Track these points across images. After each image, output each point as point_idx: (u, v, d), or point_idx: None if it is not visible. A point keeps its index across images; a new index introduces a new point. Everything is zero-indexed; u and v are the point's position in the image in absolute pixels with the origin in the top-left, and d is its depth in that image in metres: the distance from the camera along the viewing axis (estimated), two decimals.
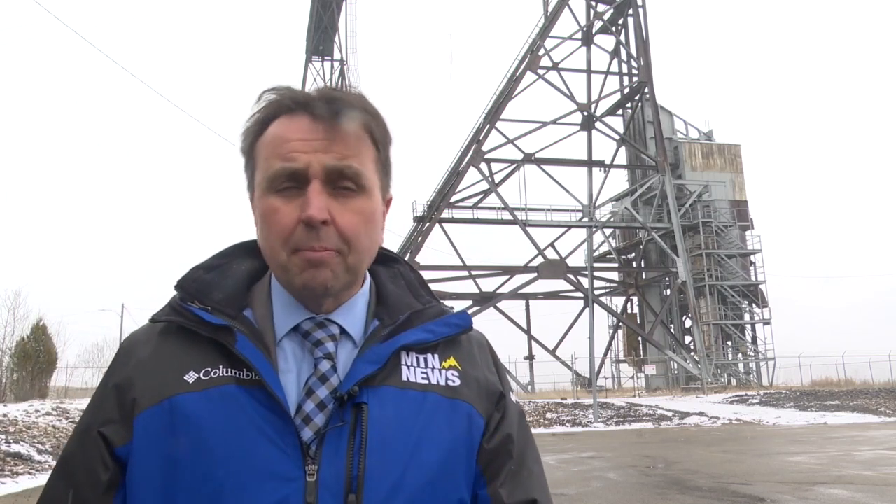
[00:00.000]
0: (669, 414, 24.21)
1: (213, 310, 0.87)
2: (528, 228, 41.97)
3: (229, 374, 0.83)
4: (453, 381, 0.90)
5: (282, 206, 0.84)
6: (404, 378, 0.87)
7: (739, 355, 43.47)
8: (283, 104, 0.87)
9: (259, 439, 0.79)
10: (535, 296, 44.36)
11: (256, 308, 0.90)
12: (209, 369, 0.83)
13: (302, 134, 0.85)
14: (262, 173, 0.86)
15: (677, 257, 41.84)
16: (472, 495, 0.88)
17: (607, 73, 46.53)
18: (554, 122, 43.80)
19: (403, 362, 0.89)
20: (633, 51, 45.43)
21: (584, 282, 41.46)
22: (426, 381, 0.88)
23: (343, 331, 0.89)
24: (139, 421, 0.82)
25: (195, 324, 0.86)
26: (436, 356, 0.92)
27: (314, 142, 0.84)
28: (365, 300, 0.94)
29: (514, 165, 42.57)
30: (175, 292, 0.92)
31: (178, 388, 0.82)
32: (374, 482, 0.79)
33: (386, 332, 0.90)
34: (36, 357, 19.65)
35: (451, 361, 0.92)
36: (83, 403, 16.17)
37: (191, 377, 0.83)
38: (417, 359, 0.90)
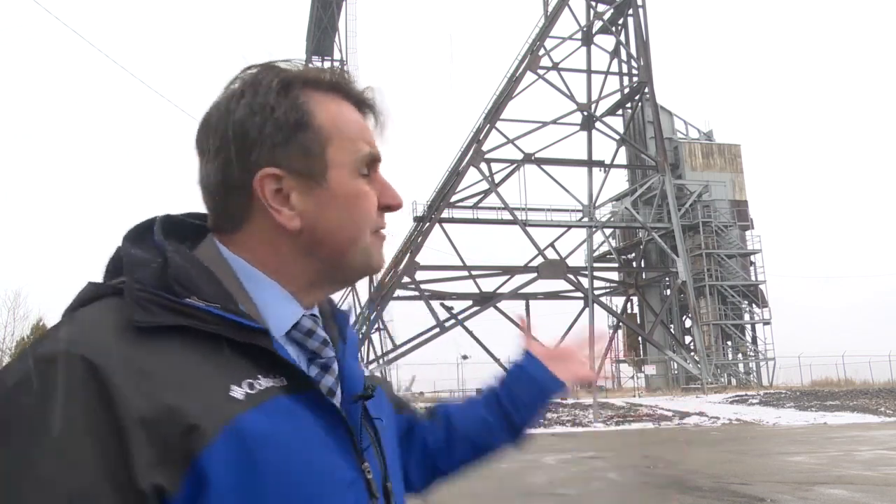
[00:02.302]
0: (669, 414, 24.20)
1: (223, 308, 0.74)
2: (528, 228, 41.97)
3: (271, 383, 0.73)
4: (366, 370, 0.95)
5: (369, 192, 0.83)
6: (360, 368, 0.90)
7: (739, 355, 43.49)
8: (348, 87, 0.85)
9: (325, 451, 0.75)
10: (535, 296, 44.35)
11: (240, 300, 0.78)
12: (251, 381, 0.71)
13: (368, 126, 0.87)
14: (347, 153, 0.82)
15: (677, 257, 41.83)
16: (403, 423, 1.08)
17: (607, 73, 46.51)
18: (554, 122, 43.78)
19: None
20: (633, 51, 45.42)
21: (584, 282, 41.52)
22: (368, 373, 0.92)
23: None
24: (208, 456, 0.65)
25: (223, 328, 0.72)
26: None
27: (372, 132, 0.87)
28: None
29: (514, 165, 42.56)
30: (129, 282, 0.73)
31: (234, 409, 0.68)
32: (391, 467, 0.86)
33: (334, 326, 0.91)
34: None
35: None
36: None
37: (238, 392, 0.69)
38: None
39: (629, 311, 47.84)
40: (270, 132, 0.78)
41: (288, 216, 0.79)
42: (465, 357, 40.67)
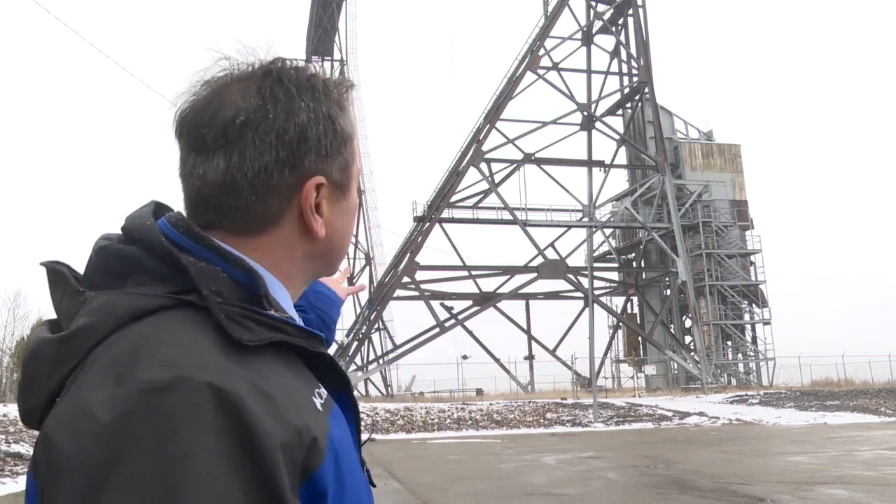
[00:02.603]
0: (669, 414, 24.21)
1: (289, 317, 0.74)
2: (528, 228, 42.00)
3: (324, 389, 0.72)
4: None
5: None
6: None
7: (739, 355, 43.51)
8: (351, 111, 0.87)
9: (354, 451, 0.77)
10: (535, 296, 44.38)
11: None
12: (319, 390, 0.71)
13: None
14: (356, 169, 0.84)
15: (677, 257, 41.85)
16: None
17: (607, 73, 46.56)
18: (554, 122, 43.82)
19: None
20: (633, 51, 45.45)
21: (584, 282, 41.49)
22: None
23: None
24: (323, 468, 0.64)
25: (303, 339, 0.71)
26: None
27: None
28: None
29: (514, 165, 42.60)
30: (210, 295, 0.68)
31: (323, 420, 0.67)
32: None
33: None
34: None
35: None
36: None
37: (318, 403, 0.68)
38: None
39: (629, 311, 47.86)
40: (328, 142, 0.76)
41: (320, 224, 0.78)
42: (465, 357, 40.67)
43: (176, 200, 0.85)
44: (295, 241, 0.77)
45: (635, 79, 45.40)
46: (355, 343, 41.33)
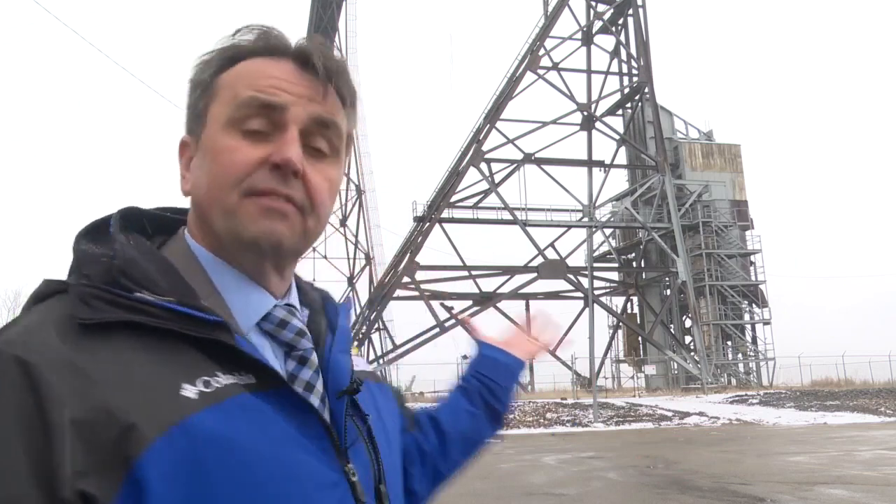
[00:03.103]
0: (669, 414, 24.19)
1: (180, 302, 0.68)
2: (528, 228, 42.00)
3: (232, 380, 0.67)
4: (367, 366, 0.91)
5: (242, 146, 0.72)
6: (357, 367, 0.85)
7: (739, 355, 43.50)
8: (268, 45, 0.76)
9: (297, 450, 0.68)
10: (535, 296, 44.35)
11: (204, 294, 0.72)
12: (207, 379, 0.65)
13: (286, 76, 0.75)
14: (224, 105, 0.74)
15: (677, 257, 41.84)
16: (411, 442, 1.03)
17: (607, 73, 46.55)
18: (554, 122, 43.81)
19: None
20: (633, 51, 45.44)
21: (584, 282, 41.45)
22: (363, 369, 0.88)
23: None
24: (148, 459, 0.59)
25: (176, 322, 0.66)
26: None
27: (300, 87, 0.75)
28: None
29: (514, 165, 42.59)
30: (76, 278, 0.70)
31: (183, 409, 0.62)
32: (387, 468, 0.80)
33: (324, 318, 0.84)
34: None
35: (354, 346, 0.88)
36: None
37: (190, 392, 0.64)
38: None
39: (629, 311, 47.86)
40: (192, 96, 0.77)
41: (185, 181, 0.78)
42: (465, 357, 40.50)
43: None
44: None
45: (635, 79, 45.39)
46: (355, 343, 41.34)
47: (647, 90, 44.49)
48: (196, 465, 0.61)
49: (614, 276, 48.70)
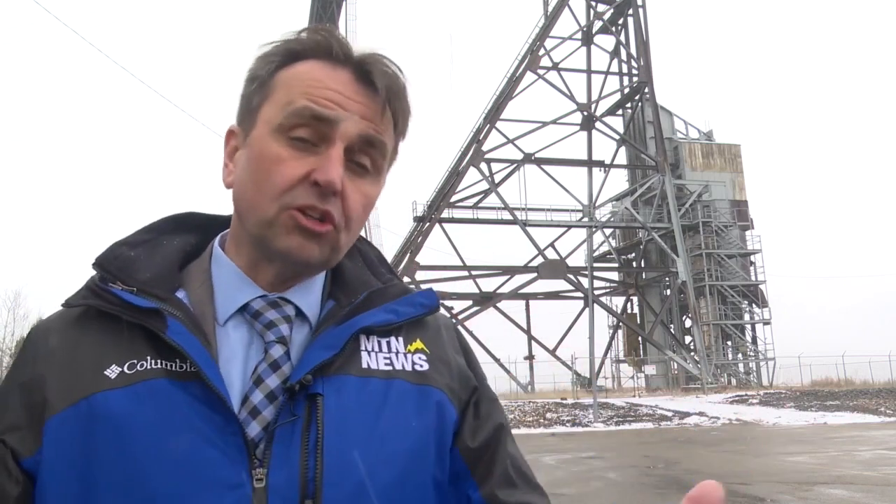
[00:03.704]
0: (669, 414, 24.19)
1: (138, 291, 0.74)
2: (528, 228, 41.98)
3: (159, 366, 0.70)
4: (420, 366, 0.80)
5: (288, 157, 0.73)
6: (364, 365, 0.77)
7: (739, 355, 43.49)
8: (331, 50, 0.76)
9: (196, 440, 0.67)
10: (535, 296, 44.36)
11: (192, 289, 0.78)
12: (134, 361, 0.70)
13: (343, 88, 0.74)
14: (277, 107, 0.74)
15: (677, 257, 41.84)
16: (464, 497, 0.79)
17: (607, 73, 46.56)
18: (554, 122, 43.81)
19: (363, 347, 0.79)
20: (633, 51, 45.44)
21: (584, 282, 41.45)
22: (390, 367, 0.78)
23: (299, 312, 0.79)
24: (50, 426, 0.69)
25: (118, 308, 0.73)
26: (400, 339, 0.82)
27: (355, 103, 0.74)
28: (321, 279, 0.84)
29: (514, 165, 42.58)
30: (93, 272, 0.78)
31: (97, 386, 0.69)
32: (334, 484, 0.68)
33: (343, 313, 0.79)
34: None
35: (418, 344, 0.82)
36: None
37: (112, 372, 0.70)
38: (379, 343, 0.80)
39: (629, 311, 47.85)
40: (249, 88, 0.78)
41: (228, 171, 0.80)
42: None
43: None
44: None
45: (635, 79, 45.38)
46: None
47: (647, 90, 44.49)
48: (87, 438, 0.67)
49: (614, 276, 48.70)
